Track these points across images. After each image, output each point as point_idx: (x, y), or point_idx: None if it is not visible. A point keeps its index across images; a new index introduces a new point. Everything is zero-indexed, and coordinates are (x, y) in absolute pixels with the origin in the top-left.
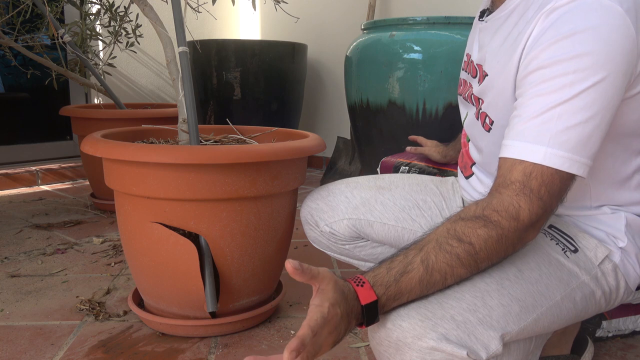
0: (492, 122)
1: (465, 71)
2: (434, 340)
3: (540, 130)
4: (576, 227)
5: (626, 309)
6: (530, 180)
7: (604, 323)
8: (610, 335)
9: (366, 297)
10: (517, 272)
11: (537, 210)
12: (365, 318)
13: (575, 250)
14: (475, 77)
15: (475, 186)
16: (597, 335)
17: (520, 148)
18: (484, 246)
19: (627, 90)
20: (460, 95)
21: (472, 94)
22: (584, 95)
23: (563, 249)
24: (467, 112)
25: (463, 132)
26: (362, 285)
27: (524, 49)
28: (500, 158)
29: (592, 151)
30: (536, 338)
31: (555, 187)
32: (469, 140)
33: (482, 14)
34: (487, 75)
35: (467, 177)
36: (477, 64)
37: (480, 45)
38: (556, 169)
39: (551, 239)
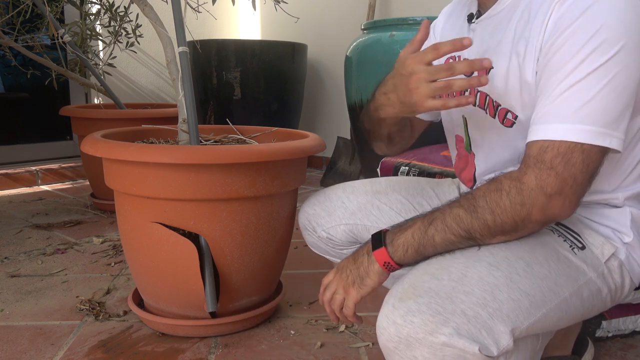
0: (515, 117)
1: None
2: (445, 335)
3: (560, 110)
4: (582, 224)
5: (626, 309)
6: (545, 153)
7: (604, 323)
8: (610, 335)
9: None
10: (526, 266)
11: (547, 178)
12: (371, 243)
13: (583, 247)
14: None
15: None
16: (597, 335)
17: (542, 130)
18: (482, 194)
19: None
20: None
21: (486, 94)
22: (603, 68)
23: (570, 246)
24: (464, 118)
25: (456, 141)
26: None
27: (542, 40)
28: (526, 144)
29: (613, 119)
30: (543, 336)
31: (576, 159)
32: (470, 150)
33: (470, 18)
34: (492, 67)
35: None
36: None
37: (477, 45)
38: (575, 142)
39: (559, 236)
